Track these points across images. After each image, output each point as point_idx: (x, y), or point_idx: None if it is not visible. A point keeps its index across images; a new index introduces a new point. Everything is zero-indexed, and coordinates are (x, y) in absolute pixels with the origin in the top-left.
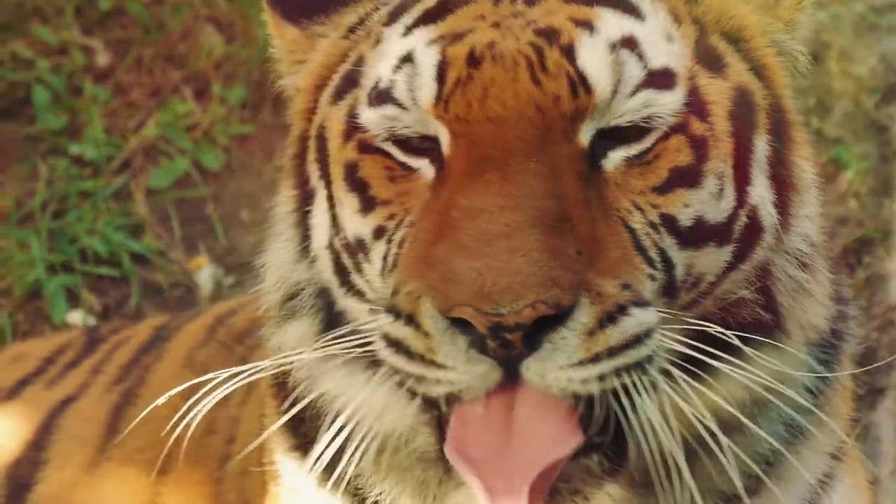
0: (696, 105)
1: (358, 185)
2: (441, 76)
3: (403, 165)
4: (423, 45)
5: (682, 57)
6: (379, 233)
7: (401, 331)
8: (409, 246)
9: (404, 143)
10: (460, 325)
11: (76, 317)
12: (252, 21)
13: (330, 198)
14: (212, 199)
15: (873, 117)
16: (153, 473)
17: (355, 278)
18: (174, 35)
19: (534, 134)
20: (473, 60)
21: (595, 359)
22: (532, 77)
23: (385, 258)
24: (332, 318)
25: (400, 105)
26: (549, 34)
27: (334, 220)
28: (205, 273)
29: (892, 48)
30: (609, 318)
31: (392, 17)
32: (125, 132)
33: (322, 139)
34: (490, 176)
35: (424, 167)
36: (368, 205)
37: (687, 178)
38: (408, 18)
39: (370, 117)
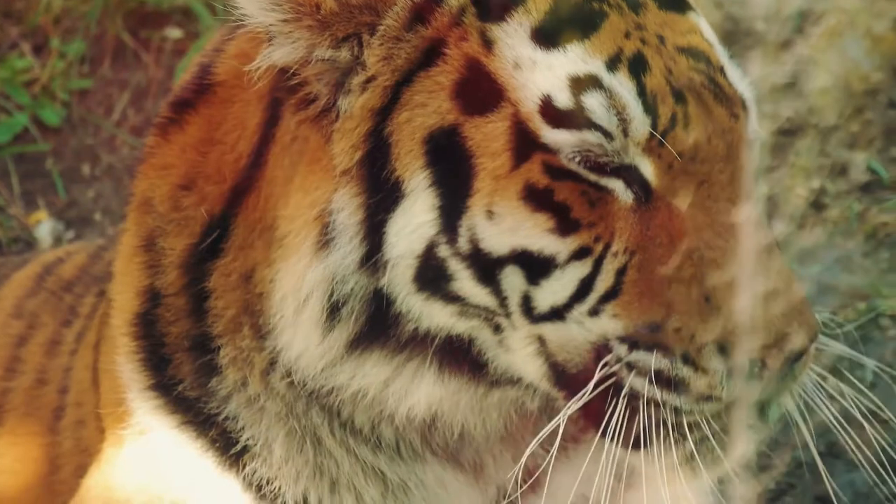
0: None
1: (555, 207)
2: (651, 110)
3: (596, 186)
4: (605, 69)
5: None
6: (582, 253)
7: (681, 370)
8: (648, 280)
9: (593, 164)
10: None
11: None
12: None
13: (451, 208)
14: (51, 154)
15: None
16: None
17: (459, 286)
18: None
19: (748, 166)
20: (679, 95)
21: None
22: (730, 112)
23: (589, 282)
24: (378, 322)
25: (606, 133)
26: (703, 56)
27: (451, 229)
28: (44, 228)
29: None
30: None
31: (489, 12)
32: None
33: (452, 144)
34: (735, 216)
35: (620, 190)
36: (572, 226)
37: None
38: (527, 19)
39: (564, 139)
